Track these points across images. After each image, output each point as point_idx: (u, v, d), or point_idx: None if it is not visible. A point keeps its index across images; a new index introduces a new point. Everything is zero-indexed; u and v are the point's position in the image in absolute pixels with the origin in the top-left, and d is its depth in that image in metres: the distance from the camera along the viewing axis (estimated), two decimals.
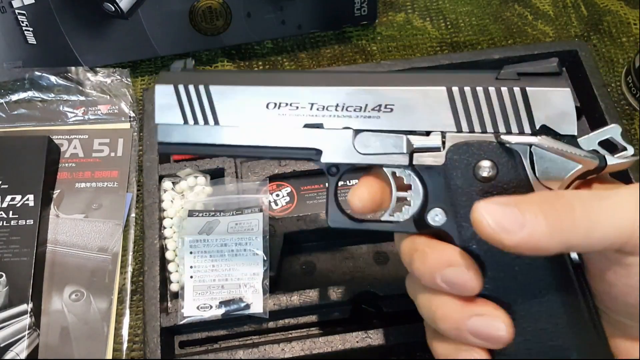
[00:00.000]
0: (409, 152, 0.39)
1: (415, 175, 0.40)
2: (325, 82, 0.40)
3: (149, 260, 0.56)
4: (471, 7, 0.76)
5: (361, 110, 0.39)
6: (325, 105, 0.40)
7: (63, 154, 0.64)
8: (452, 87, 0.38)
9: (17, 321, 0.54)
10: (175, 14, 0.67)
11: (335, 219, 0.42)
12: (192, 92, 0.41)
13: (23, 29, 0.65)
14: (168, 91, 0.41)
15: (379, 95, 0.39)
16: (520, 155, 0.37)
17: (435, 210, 0.38)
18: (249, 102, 0.41)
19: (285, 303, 0.53)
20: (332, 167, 0.41)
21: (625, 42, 0.73)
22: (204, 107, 0.41)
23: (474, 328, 0.35)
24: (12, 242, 0.57)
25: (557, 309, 0.36)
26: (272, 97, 0.40)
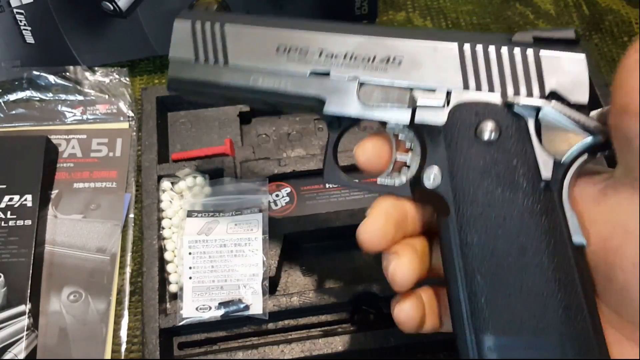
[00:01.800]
0: (412, 108, 0.38)
1: (417, 137, 0.39)
2: (338, 30, 0.39)
3: (147, 261, 0.55)
4: (472, 5, 0.76)
5: (369, 61, 0.38)
6: (334, 53, 0.39)
7: (61, 154, 0.64)
8: (464, 44, 0.37)
9: (16, 322, 0.54)
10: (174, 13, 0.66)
11: (330, 175, 0.41)
12: (208, 29, 0.41)
13: (21, 28, 0.65)
14: (185, 26, 0.42)
15: (388, 46, 0.38)
16: (526, 120, 0.35)
17: (432, 169, 0.37)
18: (260, 44, 0.40)
19: (285, 304, 0.53)
20: (334, 120, 0.40)
21: (626, 41, 0.73)
22: (216, 45, 0.41)
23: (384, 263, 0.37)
24: (10, 243, 0.57)
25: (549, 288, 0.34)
26: (282, 40, 0.40)
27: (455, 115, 0.36)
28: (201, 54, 0.42)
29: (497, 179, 0.35)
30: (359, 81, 0.39)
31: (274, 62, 0.40)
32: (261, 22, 0.41)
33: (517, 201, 0.35)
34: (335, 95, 0.39)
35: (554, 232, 0.34)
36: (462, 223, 0.36)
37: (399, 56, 0.38)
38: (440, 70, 0.37)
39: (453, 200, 0.36)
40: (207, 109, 0.66)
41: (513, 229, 0.35)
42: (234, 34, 0.41)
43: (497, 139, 0.35)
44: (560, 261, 0.34)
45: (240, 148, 0.63)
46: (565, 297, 0.34)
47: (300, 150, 0.64)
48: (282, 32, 0.40)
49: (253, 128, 0.66)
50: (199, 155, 0.61)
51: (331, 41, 0.39)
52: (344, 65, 0.39)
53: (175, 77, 0.43)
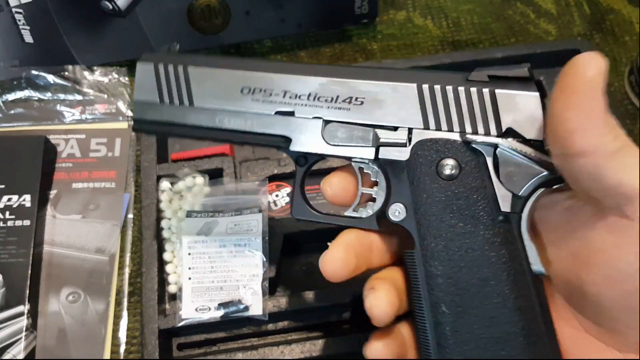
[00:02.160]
0: (375, 146, 0.40)
1: (381, 172, 0.40)
2: (300, 71, 0.41)
3: (146, 261, 0.55)
4: (473, 5, 0.76)
5: (332, 102, 0.40)
6: (298, 94, 0.41)
7: (60, 154, 0.64)
8: (423, 85, 0.39)
9: (14, 323, 0.54)
10: (173, 12, 0.66)
11: (299, 211, 0.43)
12: (171, 71, 0.42)
13: (20, 27, 0.64)
14: (148, 69, 0.43)
15: (350, 87, 0.40)
16: (485, 156, 0.37)
17: (397, 205, 0.39)
18: (224, 86, 0.41)
19: (284, 305, 0.53)
20: (301, 157, 0.42)
21: (628, 41, 0.72)
22: (180, 87, 0.42)
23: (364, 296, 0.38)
24: (8, 243, 0.57)
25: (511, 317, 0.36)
26: (247, 82, 0.41)
27: (417, 153, 0.38)
28: (166, 95, 0.42)
29: (458, 213, 0.37)
30: (323, 120, 0.40)
31: (239, 103, 0.41)
32: (225, 64, 0.42)
33: (478, 234, 0.37)
34: (301, 134, 0.41)
35: (514, 263, 0.36)
36: (426, 255, 0.37)
37: (360, 97, 0.40)
38: (401, 109, 0.39)
39: (417, 233, 0.38)
40: None
41: (475, 260, 0.36)
42: (198, 76, 0.42)
43: (457, 175, 0.37)
44: (520, 290, 0.36)
45: (240, 148, 0.63)
46: (527, 324, 0.36)
47: None
48: (245, 73, 0.41)
49: None
50: (198, 155, 0.60)
51: (295, 82, 0.41)
52: (308, 105, 0.41)
53: (140, 119, 0.43)
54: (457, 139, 0.38)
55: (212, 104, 0.42)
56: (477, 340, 0.36)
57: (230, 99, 0.41)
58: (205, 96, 0.42)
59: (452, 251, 0.37)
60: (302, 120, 0.41)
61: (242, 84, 0.41)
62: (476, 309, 0.36)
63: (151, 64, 0.43)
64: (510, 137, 0.37)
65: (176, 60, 0.43)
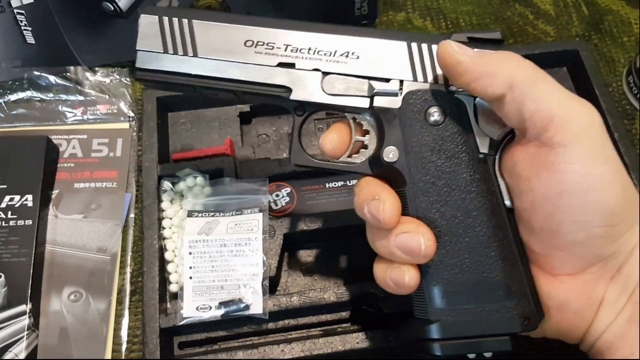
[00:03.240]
0: (370, 95, 0.44)
1: (374, 119, 0.44)
2: (301, 27, 0.44)
3: (148, 260, 0.56)
4: (472, 6, 0.76)
5: (331, 55, 0.44)
6: (299, 47, 0.44)
7: (62, 154, 0.64)
8: (412, 43, 0.43)
9: (16, 322, 0.54)
10: None
11: (297, 158, 0.46)
12: (176, 23, 0.44)
13: (22, 28, 0.65)
14: (152, 20, 0.44)
15: (347, 43, 0.44)
16: (466, 105, 0.42)
17: (390, 148, 0.43)
18: (228, 38, 0.44)
19: (285, 304, 0.53)
20: (299, 107, 0.45)
21: (626, 41, 0.73)
22: (184, 38, 0.44)
23: (399, 242, 0.40)
24: (10, 243, 0.57)
25: (490, 244, 0.41)
26: (250, 35, 0.44)
27: (408, 101, 0.43)
28: (170, 46, 0.44)
29: (444, 154, 0.42)
30: (322, 72, 0.44)
31: (242, 55, 0.44)
32: (228, 19, 0.44)
33: (461, 172, 0.42)
34: (301, 85, 0.44)
35: (492, 197, 0.41)
36: (416, 191, 0.42)
37: (357, 51, 0.44)
38: (393, 63, 0.43)
39: (408, 172, 0.42)
40: (207, 109, 0.66)
41: (458, 195, 0.41)
42: (202, 29, 0.44)
43: (443, 121, 0.42)
44: (497, 220, 0.41)
45: (241, 148, 0.63)
46: (503, 249, 0.41)
47: None
48: (249, 28, 0.44)
49: (253, 128, 0.66)
50: (199, 155, 0.61)
51: (296, 37, 0.44)
52: (308, 58, 0.44)
53: (143, 68, 0.45)
54: (442, 90, 0.42)
55: (216, 55, 0.44)
56: (461, 264, 0.41)
57: (234, 51, 0.44)
58: (210, 48, 0.44)
59: (438, 187, 0.41)
60: (302, 72, 0.44)
61: (245, 37, 0.44)
62: (460, 237, 0.41)
63: (155, 16, 0.44)
64: None
65: (180, 13, 0.44)
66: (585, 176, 0.37)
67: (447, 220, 0.41)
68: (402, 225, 0.41)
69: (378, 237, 0.42)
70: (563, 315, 0.40)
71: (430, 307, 0.41)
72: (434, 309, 0.41)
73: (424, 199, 0.41)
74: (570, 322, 0.40)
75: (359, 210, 0.42)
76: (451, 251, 0.41)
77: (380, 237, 0.41)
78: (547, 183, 0.38)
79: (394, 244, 0.40)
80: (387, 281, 0.41)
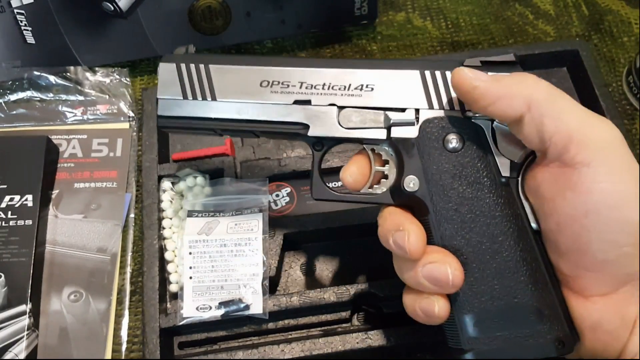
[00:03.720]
0: (387, 127, 0.44)
1: (392, 149, 0.44)
2: (313, 64, 0.45)
3: (148, 260, 0.56)
4: (472, 6, 0.76)
5: (345, 89, 0.44)
6: (313, 84, 0.44)
7: (62, 154, 0.64)
8: (425, 71, 0.43)
9: (16, 322, 0.54)
10: (175, 13, 0.67)
11: (318, 192, 0.46)
12: (193, 70, 0.45)
13: (22, 28, 0.65)
14: (171, 68, 0.46)
15: (360, 76, 0.44)
16: (484, 129, 0.42)
17: (410, 177, 0.43)
18: (244, 80, 0.45)
19: (285, 304, 0.53)
20: (318, 142, 0.46)
21: (626, 41, 0.73)
22: (202, 83, 0.45)
23: (426, 273, 0.40)
24: (10, 243, 0.57)
25: (519, 268, 0.40)
26: (265, 76, 0.45)
27: (425, 130, 0.43)
28: (189, 92, 0.45)
29: (465, 180, 0.42)
30: (337, 107, 0.44)
31: (259, 95, 0.45)
32: (243, 61, 0.46)
33: (484, 197, 0.41)
34: (318, 120, 0.44)
35: (517, 220, 0.41)
36: (439, 220, 0.42)
37: (370, 84, 0.44)
38: (407, 93, 0.43)
39: (430, 201, 0.42)
40: None
41: (483, 220, 0.41)
42: (219, 73, 0.45)
43: (461, 147, 0.42)
44: (524, 244, 0.40)
45: (241, 148, 0.63)
46: (532, 273, 0.40)
47: (300, 150, 0.64)
48: (263, 69, 0.45)
49: None
50: (199, 155, 0.61)
51: (310, 74, 0.44)
52: (323, 94, 0.44)
53: (165, 115, 0.46)
54: (459, 116, 0.42)
55: (234, 97, 0.45)
56: (491, 291, 0.40)
57: (251, 92, 0.45)
58: (227, 91, 0.45)
59: (462, 214, 0.41)
60: (319, 108, 0.44)
61: (261, 77, 0.45)
62: (488, 264, 0.40)
63: (173, 64, 0.46)
64: None
65: (197, 59, 0.46)
66: (611, 194, 0.37)
67: (473, 247, 0.41)
68: (429, 255, 0.40)
69: (405, 267, 0.41)
70: (597, 336, 0.39)
71: (463, 337, 0.41)
72: (466, 338, 0.40)
73: (448, 227, 0.41)
74: (604, 342, 0.39)
75: (384, 241, 0.42)
76: (480, 278, 0.40)
77: (407, 268, 0.41)
78: (572, 203, 0.38)
79: (421, 274, 0.40)
80: (417, 312, 0.41)
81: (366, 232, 0.55)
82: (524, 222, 0.41)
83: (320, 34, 0.74)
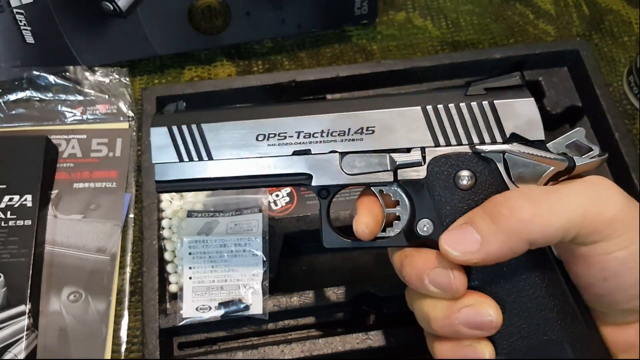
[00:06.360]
0: (392, 169, 0.42)
1: (402, 191, 0.42)
2: (309, 111, 0.43)
3: (147, 261, 0.55)
4: (472, 6, 0.76)
5: (345, 134, 0.42)
6: (311, 132, 0.42)
7: (61, 154, 0.64)
8: (427, 106, 0.41)
9: (15, 322, 0.54)
10: (174, 12, 0.66)
11: (330, 241, 0.44)
12: (185, 131, 0.43)
13: (21, 28, 0.65)
14: (162, 132, 0.44)
15: (359, 118, 0.42)
16: (495, 163, 0.40)
17: (423, 221, 0.41)
18: (239, 136, 0.43)
19: (285, 304, 0.53)
20: (323, 190, 0.43)
21: (626, 41, 0.73)
22: (197, 144, 0.43)
23: (464, 319, 0.37)
24: (10, 243, 0.57)
25: (546, 304, 0.38)
26: (261, 129, 0.43)
27: (433, 170, 0.41)
28: (184, 154, 0.43)
29: None
30: (339, 153, 0.42)
31: (256, 149, 0.43)
32: (235, 116, 0.43)
33: None
34: (320, 169, 0.43)
35: (539, 253, 0.38)
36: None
37: (371, 126, 0.42)
38: (411, 131, 0.41)
39: None
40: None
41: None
42: (212, 131, 0.43)
43: (474, 184, 0.40)
44: (550, 278, 0.38)
45: None
46: (561, 308, 0.38)
47: None
48: (258, 122, 0.43)
49: None
50: None
51: (306, 122, 0.42)
52: (322, 142, 0.42)
53: (163, 180, 0.44)
54: (468, 151, 0.40)
55: (231, 155, 0.43)
56: (520, 331, 0.38)
57: (248, 147, 0.43)
58: (223, 148, 0.43)
59: None
60: (320, 156, 0.42)
61: (256, 131, 0.43)
62: (513, 304, 0.38)
63: (165, 127, 0.44)
64: (515, 141, 0.40)
65: (188, 118, 0.44)
66: (627, 257, 0.36)
67: (490, 286, 0.39)
68: (461, 299, 0.37)
69: (436, 314, 0.38)
70: (632, 356, 0.39)
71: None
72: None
73: (467, 268, 0.39)
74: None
75: (415, 282, 0.38)
76: (506, 320, 0.38)
77: (439, 316, 0.38)
78: (589, 271, 0.37)
79: (458, 320, 0.37)
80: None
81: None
82: (547, 254, 0.39)
83: (320, 33, 0.73)
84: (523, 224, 0.35)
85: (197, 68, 0.71)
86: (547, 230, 0.35)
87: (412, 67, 0.64)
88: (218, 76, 0.71)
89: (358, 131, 0.42)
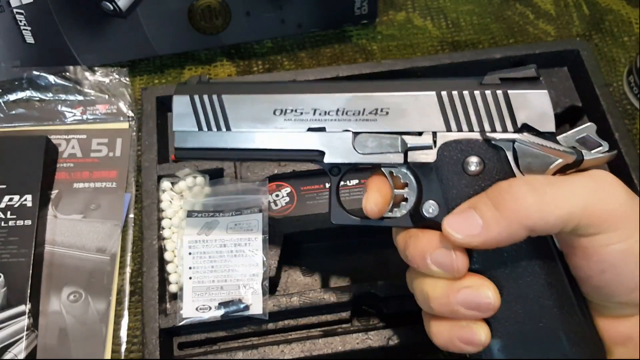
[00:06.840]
0: (403, 151, 0.42)
1: (410, 173, 0.43)
2: (326, 90, 0.44)
3: (147, 261, 0.55)
4: (472, 6, 0.76)
5: (359, 114, 0.43)
6: (327, 110, 0.43)
7: (61, 154, 0.64)
8: (441, 92, 0.42)
9: (15, 322, 0.54)
10: (174, 12, 0.66)
11: (337, 217, 0.45)
12: (207, 101, 0.45)
13: (21, 28, 0.65)
14: (184, 101, 0.45)
15: (375, 100, 0.43)
16: (505, 151, 0.40)
17: (429, 202, 0.41)
18: (257, 109, 0.44)
19: (285, 304, 0.53)
20: (334, 168, 0.45)
21: (626, 41, 0.73)
22: (217, 114, 0.45)
23: (463, 299, 0.38)
24: (10, 243, 0.57)
25: (543, 292, 0.38)
26: (278, 104, 0.44)
27: (443, 154, 0.41)
28: (204, 124, 0.45)
29: None
30: (352, 132, 0.43)
31: (273, 124, 0.44)
32: (255, 90, 0.45)
33: None
34: (333, 147, 0.44)
35: (540, 242, 0.39)
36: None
37: (385, 107, 0.43)
38: (424, 116, 0.42)
39: None
40: None
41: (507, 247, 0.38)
42: (232, 103, 0.45)
43: (482, 170, 0.40)
44: (549, 267, 0.39)
45: None
46: (558, 297, 0.39)
47: None
48: (276, 96, 0.44)
49: None
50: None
51: (323, 100, 0.43)
52: (337, 120, 0.43)
53: (182, 147, 0.46)
54: (479, 138, 0.41)
55: (248, 127, 0.45)
56: (515, 316, 0.39)
57: (264, 121, 0.44)
58: (241, 120, 0.45)
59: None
60: (333, 134, 0.43)
61: (274, 106, 0.44)
62: (511, 289, 0.39)
63: (187, 96, 0.45)
64: (526, 131, 0.40)
65: (210, 90, 0.45)
66: (626, 251, 0.36)
67: (495, 271, 0.39)
68: (461, 280, 0.38)
69: (436, 294, 0.39)
70: (628, 350, 0.39)
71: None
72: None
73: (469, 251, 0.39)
74: (636, 356, 0.39)
75: (419, 261, 0.39)
76: (504, 303, 0.38)
77: (438, 295, 0.38)
78: (588, 263, 0.37)
79: (456, 300, 0.38)
80: (455, 342, 0.39)
81: (366, 232, 0.55)
82: (548, 243, 0.39)
83: (320, 33, 0.73)
84: (524, 211, 0.35)
85: (197, 68, 0.71)
86: (548, 219, 0.35)
87: (412, 67, 0.64)
88: (218, 76, 0.71)
89: (372, 112, 0.43)
